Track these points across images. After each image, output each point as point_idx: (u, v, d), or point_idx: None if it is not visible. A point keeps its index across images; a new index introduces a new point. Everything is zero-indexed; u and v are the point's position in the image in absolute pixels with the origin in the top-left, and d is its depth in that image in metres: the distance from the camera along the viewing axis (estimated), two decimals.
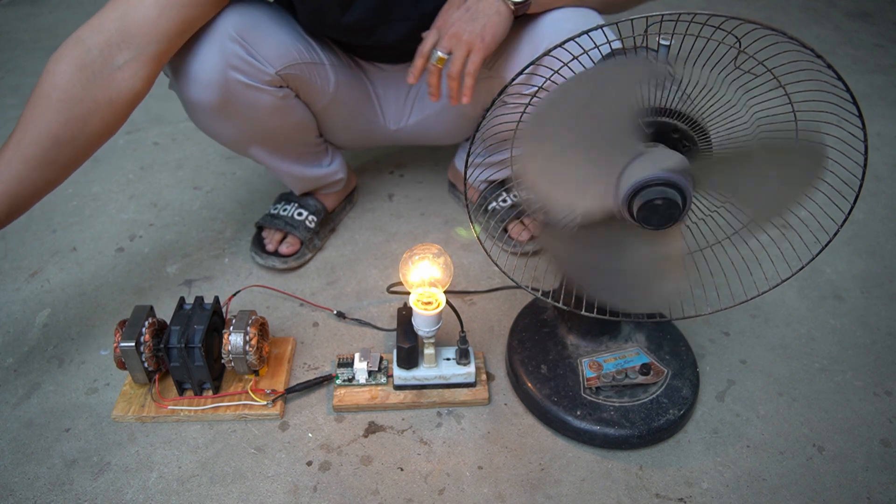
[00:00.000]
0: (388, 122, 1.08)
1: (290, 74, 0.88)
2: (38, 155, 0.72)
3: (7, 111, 1.55)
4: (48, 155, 0.73)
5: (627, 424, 0.76)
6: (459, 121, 1.04)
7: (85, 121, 0.73)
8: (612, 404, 0.78)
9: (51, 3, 2.22)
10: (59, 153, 0.73)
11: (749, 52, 0.56)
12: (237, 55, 0.81)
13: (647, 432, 0.76)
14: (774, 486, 0.74)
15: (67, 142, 0.73)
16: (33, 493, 0.73)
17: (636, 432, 0.76)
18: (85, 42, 0.72)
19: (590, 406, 0.78)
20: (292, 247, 1.04)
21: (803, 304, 0.99)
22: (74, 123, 0.73)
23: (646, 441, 0.77)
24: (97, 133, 0.75)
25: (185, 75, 0.82)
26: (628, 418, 0.77)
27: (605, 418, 0.77)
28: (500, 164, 1.05)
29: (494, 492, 0.73)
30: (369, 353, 0.84)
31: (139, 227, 1.15)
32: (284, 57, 0.86)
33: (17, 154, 0.72)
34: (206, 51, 0.80)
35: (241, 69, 0.82)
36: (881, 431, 0.80)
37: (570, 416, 0.78)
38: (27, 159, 0.72)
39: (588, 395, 0.79)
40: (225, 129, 0.90)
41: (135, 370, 0.79)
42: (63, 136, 0.73)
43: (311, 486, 0.74)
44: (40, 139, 0.72)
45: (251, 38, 0.83)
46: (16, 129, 0.72)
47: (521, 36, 0.87)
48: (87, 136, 0.75)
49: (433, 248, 0.81)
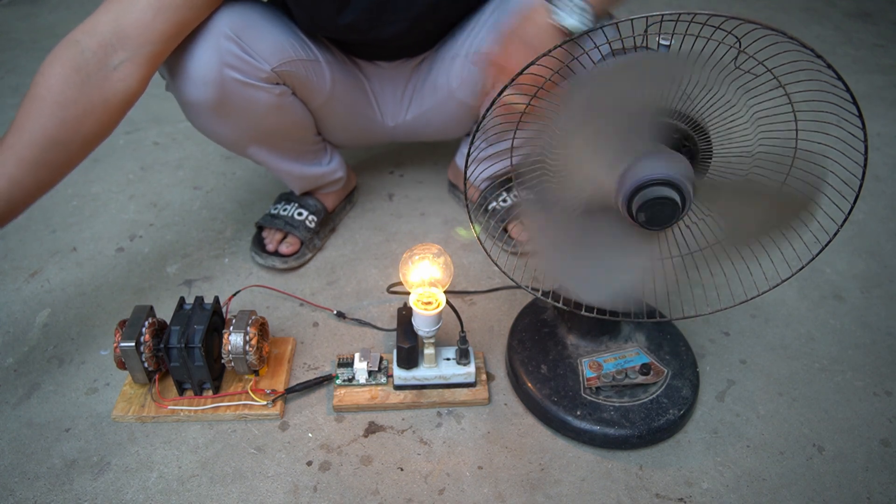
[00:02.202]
0: (386, 118, 1.08)
1: (287, 71, 0.88)
2: (33, 157, 0.72)
3: (7, 111, 1.55)
4: (44, 157, 0.72)
5: (627, 424, 0.76)
6: (457, 113, 1.04)
7: (80, 122, 0.73)
8: (612, 404, 0.78)
9: (51, 3, 2.22)
10: (54, 155, 0.73)
11: (749, 52, 0.56)
12: (232, 53, 0.81)
13: (647, 432, 0.76)
14: (774, 486, 0.74)
15: (63, 143, 0.73)
16: (33, 493, 0.73)
17: (636, 432, 0.76)
18: (79, 44, 0.72)
19: (590, 406, 0.78)
20: (292, 247, 1.04)
21: (803, 304, 0.99)
22: (70, 125, 0.73)
23: (646, 441, 0.77)
24: (92, 134, 0.75)
25: (182, 75, 0.82)
26: (628, 418, 0.77)
27: (606, 418, 0.77)
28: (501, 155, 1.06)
29: (494, 492, 0.73)
30: (369, 353, 0.84)
31: (139, 227, 1.15)
32: (280, 54, 0.86)
33: (13, 156, 0.71)
34: (202, 50, 0.80)
35: (236, 67, 0.82)
36: (881, 431, 0.80)
37: (570, 416, 0.77)
38: (22, 161, 0.71)
39: (588, 395, 0.79)
40: (223, 129, 0.90)
41: (135, 370, 0.79)
42: (59, 138, 0.72)
43: (311, 486, 0.74)
44: (36, 141, 0.71)
45: (246, 36, 0.83)
46: (10, 130, 0.72)
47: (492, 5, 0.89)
48: (82, 138, 0.75)
49: (433, 248, 0.81)
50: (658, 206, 0.57)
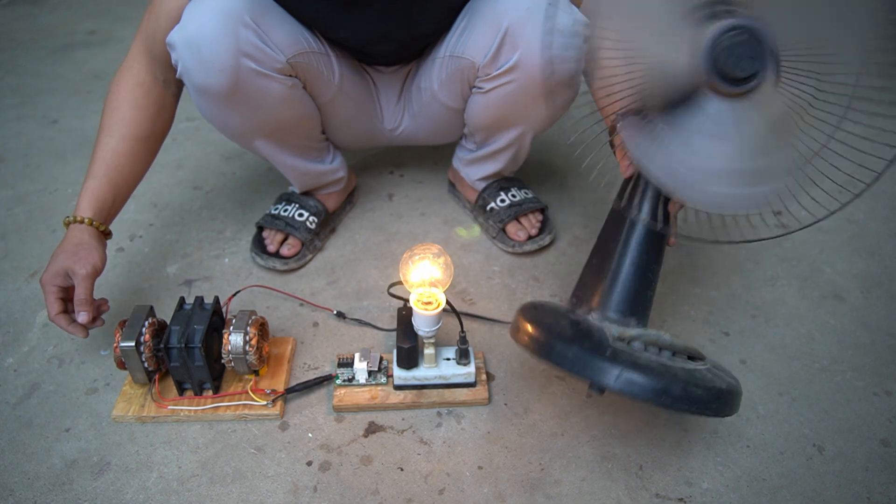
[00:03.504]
0: (386, 121, 1.09)
1: (300, 63, 0.88)
2: (126, 149, 0.88)
3: (7, 111, 1.55)
4: (134, 148, 0.89)
5: (668, 376, 0.60)
6: (444, 116, 1.05)
7: (153, 120, 0.91)
8: (647, 355, 0.64)
9: (51, 3, 2.22)
10: (141, 147, 0.90)
11: None
12: (250, 42, 0.82)
13: (687, 389, 0.60)
14: (774, 486, 0.74)
15: (144, 137, 0.90)
16: (33, 493, 0.73)
17: (678, 387, 0.60)
18: (132, 69, 0.90)
19: (621, 352, 0.63)
20: (293, 248, 1.05)
21: (803, 304, 0.99)
22: (145, 123, 0.90)
23: (683, 402, 0.60)
24: (162, 127, 0.94)
25: (197, 59, 0.81)
26: (670, 372, 0.61)
27: (641, 364, 0.61)
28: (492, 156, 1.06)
29: (494, 492, 0.73)
30: (369, 353, 0.84)
31: (139, 227, 1.15)
32: (295, 45, 0.87)
33: (109, 151, 0.87)
34: (219, 35, 0.80)
35: (253, 56, 0.82)
36: (881, 431, 0.80)
37: (598, 356, 0.61)
38: (119, 153, 0.88)
39: (618, 344, 0.64)
40: (232, 119, 0.90)
41: (135, 370, 0.79)
42: (139, 134, 0.89)
43: (311, 486, 0.74)
44: (126, 135, 0.88)
45: (264, 25, 0.83)
46: (100, 135, 0.88)
47: (481, 13, 0.89)
48: (159, 130, 0.93)
49: (433, 248, 0.81)
50: (739, 45, 0.56)
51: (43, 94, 1.63)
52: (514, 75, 0.88)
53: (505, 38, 0.86)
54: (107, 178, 0.86)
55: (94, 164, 0.87)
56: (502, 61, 0.88)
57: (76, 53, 1.86)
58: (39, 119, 1.52)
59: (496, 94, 0.92)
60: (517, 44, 0.86)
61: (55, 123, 1.50)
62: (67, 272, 0.80)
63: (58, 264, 0.80)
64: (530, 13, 0.84)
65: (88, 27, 2.04)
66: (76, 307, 0.80)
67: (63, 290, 0.81)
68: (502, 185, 1.12)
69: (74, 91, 1.65)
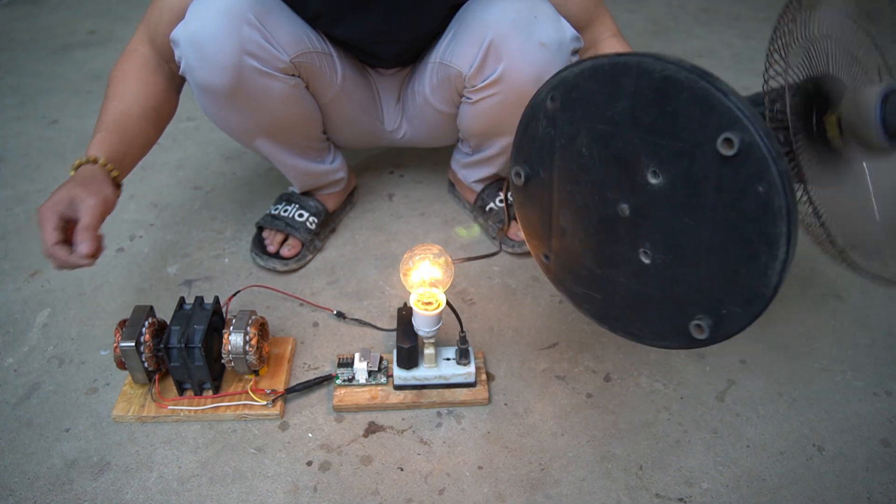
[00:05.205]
0: (387, 122, 1.09)
1: (303, 63, 0.88)
2: (136, 113, 0.85)
3: (7, 111, 1.55)
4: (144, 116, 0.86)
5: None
6: (437, 120, 1.05)
7: (158, 97, 0.88)
8: None
9: (51, 3, 2.22)
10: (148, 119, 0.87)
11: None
12: (254, 41, 0.81)
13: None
14: (774, 486, 0.74)
15: (152, 109, 0.87)
16: (33, 493, 0.73)
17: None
18: (137, 51, 0.89)
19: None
20: (293, 249, 1.04)
21: (803, 304, 0.99)
22: (151, 98, 0.87)
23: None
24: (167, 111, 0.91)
25: (200, 58, 0.81)
26: None
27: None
28: (488, 161, 1.06)
29: (494, 492, 0.73)
30: (369, 353, 0.84)
31: (139, 227, 1.15)
32: (298, 44, 0.87)
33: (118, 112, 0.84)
34: (223, 33, 0.80)
35: (256, 55, 0.82)
36: (881, 431, 0.80)
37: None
38: (129, 116, 0.84)
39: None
40: (234, 118, 0.90)
41: (135, 370, 0.79)
42: (147, 105, 0.87)
43: (311, 486, 0.74)
44: (133, 104, 0.85)
45: (268, 23, 0.83)
46: (106, 101, 0.84)
47: (468, 23, 0.89)
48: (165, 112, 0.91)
49: (433, 248, 0.81)
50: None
51: (43, 94, 1.63)
52: (499, 88, 0.88)
53: (489, 51, 0.86)
54: (117, 133, 0.81)
55: (102, 120, 0.82)
56: (487, 73, 0.88)
57: (76, 53, 1.86)
58: (39, 119, 1.52)
59: (484, 106, 0.93)
60: (501, 56, 0.85)
61: (55, 123, 1.50)
62: (72, 200, 0.71)
63: (62, 192, 0.71)
64: (514, 26, 0.84)
65: (88, 27, 2.04)
66: (78, 235, 0.69)
67: (63, 221, 0.71)
68: (501, 185, 1.12)
69: (74, 91, 1.65)
